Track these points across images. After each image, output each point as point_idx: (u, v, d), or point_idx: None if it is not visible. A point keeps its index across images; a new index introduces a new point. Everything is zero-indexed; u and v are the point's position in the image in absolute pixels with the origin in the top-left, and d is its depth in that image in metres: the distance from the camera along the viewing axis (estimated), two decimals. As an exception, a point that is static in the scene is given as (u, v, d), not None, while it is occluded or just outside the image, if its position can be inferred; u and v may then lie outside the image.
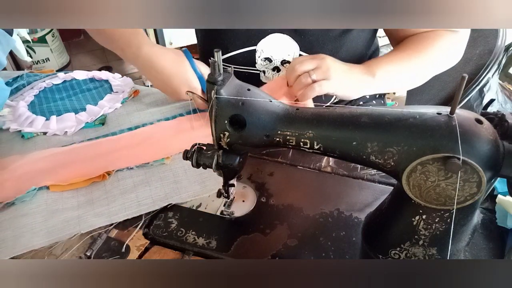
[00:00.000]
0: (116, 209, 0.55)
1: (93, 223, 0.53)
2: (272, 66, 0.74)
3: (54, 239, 0.52)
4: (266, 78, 0.76)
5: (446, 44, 0.69)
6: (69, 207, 0.56)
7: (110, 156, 0.64)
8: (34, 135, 0.71)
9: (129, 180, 0.60)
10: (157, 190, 0.58)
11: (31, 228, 0.53)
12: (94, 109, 0.76)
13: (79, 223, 0.53)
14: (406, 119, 0.38)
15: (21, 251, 0.50)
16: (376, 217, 0.50)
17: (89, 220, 0.54)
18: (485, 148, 0.36)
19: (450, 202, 0.39)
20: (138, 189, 0.58)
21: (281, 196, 0.57)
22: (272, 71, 0.75)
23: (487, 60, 0.82)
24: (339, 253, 0.49)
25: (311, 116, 0.43)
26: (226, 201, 0.56)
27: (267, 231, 0.52)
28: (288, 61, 0.72)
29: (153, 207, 0.55)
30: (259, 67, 0.75)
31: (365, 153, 0.40)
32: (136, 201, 0.56)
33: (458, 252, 0.45)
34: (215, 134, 0.45)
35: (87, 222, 0.54)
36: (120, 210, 0.55)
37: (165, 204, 0.56)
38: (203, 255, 0.50)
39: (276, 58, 0.73)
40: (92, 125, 0.74)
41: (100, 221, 0.54)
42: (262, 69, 0.75)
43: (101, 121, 0.74)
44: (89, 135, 0.71)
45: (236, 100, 0.43)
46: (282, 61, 0.73)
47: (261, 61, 0.74)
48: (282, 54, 0.72)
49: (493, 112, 0.41)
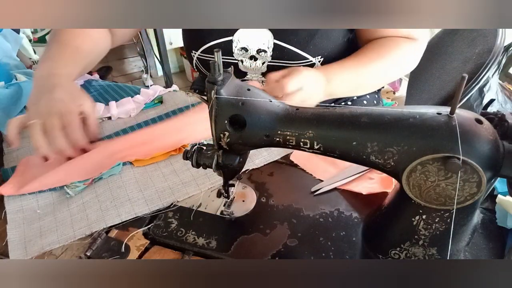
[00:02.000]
0: (202, 179, 0.61)
1: (186, 192, 0.59)
2: (249, 55, 0.76)
3: (154, 206, 0.56)
4: (244, 67, 0.79)
5: (403, 52, 0.72)
6: (157, 179, 0.61)
7: (184, 131, 0.68)
8: (100, 121, 0.75)
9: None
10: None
11: (128, 198, 0.57)
12: (148, 91, 0.81)
13: (172, 193, 0.59)
14: (406, 119, 0.38)
15: (127, 217, 0.54)
16: (376, 217, 0.50)
17: (181, 190, 0.59)
18: (485, 148, 0.36)
19: (450, 202, 0.39)
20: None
21: (281, 196, 0.57)
22: (249, 59, 0.77)
23: (487, 59, 0.82)
24: (339, 253, 0.49)
25: (311, 116, 0.43)
26: (226, 201, 0.56)
27: (267, 231, 0.52)
28: (264, 49, 0.75)
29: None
30: (237, 57, 0.77)
31: (365, 153, 0.40)
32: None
33: (458, 252, 0.45)
34: (215, 134, 0.45)
35: (180, 191, 0.59)
36: (205, 179, 0.60)
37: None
38: (203, 255, 0.50)
39: (252, 48, 0.75)
40: (152, 105, 0.80)
41: (191, 190, 0.59)
42: (240, 58, 0.78)
43: (159, 99, 0.81)
44: (151, 115, 0.77)
45: (236, 100, 0.43)
46: (257, 50, 0.75)
47: (238, 51, 0.76)
48: (257, 43, 0.74)
49: (493, 112, 0.41)
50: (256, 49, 0.75)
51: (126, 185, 0.59)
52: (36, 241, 0.52)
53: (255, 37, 0.74)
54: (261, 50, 0.75)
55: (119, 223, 0.54)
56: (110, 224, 0.53)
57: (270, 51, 0.74)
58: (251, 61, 0.77)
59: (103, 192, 0.59)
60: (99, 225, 0.53)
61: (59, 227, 0.54)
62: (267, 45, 0.74)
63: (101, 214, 0.55)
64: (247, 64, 0.78)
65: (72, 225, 0.54)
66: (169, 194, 0.58)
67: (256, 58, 0.76)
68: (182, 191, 0.59)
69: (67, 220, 0.55)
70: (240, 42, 0.75)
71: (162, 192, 0.59)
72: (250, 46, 0.75)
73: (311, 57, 0.74)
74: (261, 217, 0.54)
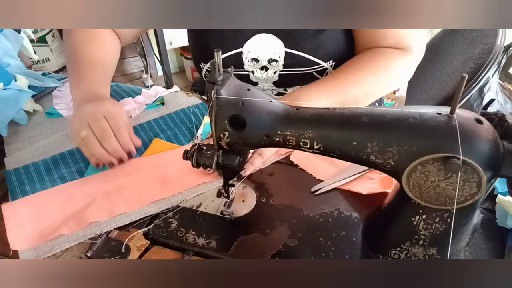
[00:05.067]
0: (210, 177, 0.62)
1: (194, 190, 0.59)
2: (260, 66, 0.75)
3: (163, 206, 0.56)
4: (255, 77, 0.78)
5: (393, 67, 0.68)
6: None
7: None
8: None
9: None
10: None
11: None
12: (149, 92, 0.80)
13: (181, 192, 0.59)
14: (406, 119, 0.38)
15: (137, 217, 0.55)
16: (376, 217, 0.50)
17: (190, 189, 0.60)
18: (485, 148, 0.36)
19: (450, 202, 0.39)
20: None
21: (281, 196, 0.58)
22: (260, 70, 0.76)
23: (487, 59, 0.82)
24: (339, 253, 0.49)
25: (311, 116, 0.43)
26: (226, 201, 0.56)
27: (267, 231, 0.52)
28: (275, 59, 0.74)
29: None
30: (247, 68, 0.76)
31: (365, 153, 0.40)
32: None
33: (458, 252, 0.45)
34: (215, 134, 0.45)
35: (188, 190, 0.59)
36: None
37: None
38: (203, 255, 0.50)
39: (263, 58, 0.74)
40: (153, 106, 0.79)
41: (199, 189, 0.59)
42: (251, 70, 0.77)
43: (161, 101, 0.80)
44: (153, 116, 0.76)
45: (236, 100, 0.43)
46: (268, 60, 0.74)
47: (249, 62, 0.75)
48: (268, 53, 0.73)
49: (493, 112, 0.41)
50: (268, 59, 0.74)
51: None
52: (46, 241, 0.51)
53: (266, 47, 0.72)
54: (272, 60, 0.73)
55: (129, 223, 0.54)
56: (120, 225, 0.53)
57: (281, 60, 0.73)
58: (262, 72, 0.76)
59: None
60: (110, 225, 0.53)
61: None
62: (278, 54, 0.72)
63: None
64: (258, 75, 0.77)
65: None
66: (178, 194, 0.58)
67: (267, 68, 0.75)
68: (191, 190, 0.59)
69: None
70: (251, 53, 0.74)
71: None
72: (260, 56, 0.74)
73: (323, 62, 0.73)
74: (261, 217, 0.54)
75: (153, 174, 0.62)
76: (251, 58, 0.74)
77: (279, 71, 0.75)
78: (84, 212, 0.55)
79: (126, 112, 0.76)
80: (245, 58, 0.74)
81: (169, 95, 0.82)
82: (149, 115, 0.77)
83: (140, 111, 0.78)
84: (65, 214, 0.55)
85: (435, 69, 0.94)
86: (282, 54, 0.72)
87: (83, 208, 0.55)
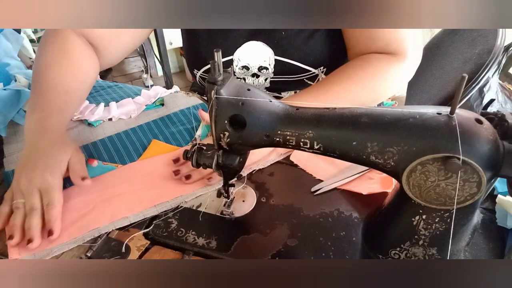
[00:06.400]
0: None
1: (194, 192, 0.59)
2: (251, 73, 0.76)
3: (162, 208, 0.56)
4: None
5: (387, 74, 0.66)
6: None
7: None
8: (101, 122, 0.75)
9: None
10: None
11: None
12: (149, 92, 0.80)
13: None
14: (406, 119, 0.38)
15: (135, 219, 0.54)
16: (376, 217, 0.50)
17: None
18: (485, 148, 0.36)
19: (450, 202, 0.39)
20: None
21: (281, 196, 0.58)
22: (251, 77, 0.76)
23: (487, 60, 0.82)
24: (339, 253, 0.49)
25: (311, 116, 0.43)
26: (226, 201, 0.56)
27: (267, 231, 0.52)
28: (265, 66, 0.73)
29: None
30: (238, 75, 0.77)
31: (365, 153, 0.40)
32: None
33: (458, 252, 0.45)
34: (215, 134, 0.45)
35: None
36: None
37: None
38: (203, 255, 0.50)
39: (253, 65, 0.74)
40: (153, 106, 0.79)
41: (199, 190, 0.59)
42: (242, 77, 0.77)
43: (161, 101, 0.80)
44: (152, 117, 0.76)
45: (236, 100, 0.43)
46: (259, 67, 0.74)
47: (239, 70, 0.75)
48: (258, 60, 0.73)
49: (493, 112, 0.41)
50: (258, 67, 0.74)
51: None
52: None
53: (255, 55, 0.73)
54: (262, 67, 0.74)
55: (127, 225, 0.54)
56: (118, 226, 0.53)
57: (271, 68, 0.73)
58: (253, 79, 0.76)
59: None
60: (108, 227, 0.53)
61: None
62: (268, 62, 0.73)
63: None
64: (250, 82, 0.77)
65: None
66: (178, 197, 0.58)
67: (258, 76, 0.75)
68: (189, 194, 0.58)
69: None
70: (241, 61, 0.74)
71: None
72: (251, 64, 0.74)
73: (313, 69, 0.73)
74: (261, 217, 0.54)
75: (151, 178, 0.61)
76: (242, 65, 0.75)
77: (270, 78, 0.75)
78: (85, 219, 0.54)
79: (126, 113, 0.76)
80: (235, 66, 0.75)
81: (169, 95, 0.82)
82: (148, 116, 0.77)
83: (140, 112, 0.78)
84: (65, 222, 0.54)
85: (435, 69, 0.94)
86: (272, 61, 0.73)
87: (84, 215, 0.55)
